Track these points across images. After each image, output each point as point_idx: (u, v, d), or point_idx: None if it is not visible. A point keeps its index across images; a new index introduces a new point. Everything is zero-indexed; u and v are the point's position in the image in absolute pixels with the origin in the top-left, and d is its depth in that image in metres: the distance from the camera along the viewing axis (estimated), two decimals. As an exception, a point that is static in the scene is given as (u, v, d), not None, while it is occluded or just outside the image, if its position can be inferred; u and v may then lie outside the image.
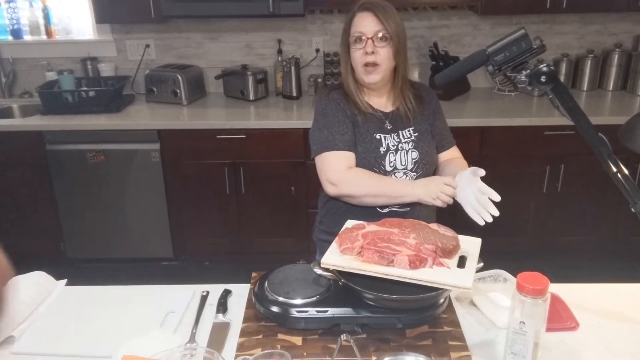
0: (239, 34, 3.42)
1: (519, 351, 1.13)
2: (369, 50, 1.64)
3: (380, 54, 1.65)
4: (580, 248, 3.21)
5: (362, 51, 1.65)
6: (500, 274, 1.49)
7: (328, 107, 1.73)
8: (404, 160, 1.72)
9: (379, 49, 1.64)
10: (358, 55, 1.66)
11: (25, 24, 3.49)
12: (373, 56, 1.64)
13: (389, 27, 1.64)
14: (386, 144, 1.72)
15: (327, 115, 1.72)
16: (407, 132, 1.74)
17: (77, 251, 3.25)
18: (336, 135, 1.69)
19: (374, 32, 1.64)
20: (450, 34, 3.39)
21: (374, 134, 1.72)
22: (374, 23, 1.64)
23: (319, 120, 1.74)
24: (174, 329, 1.34)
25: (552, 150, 2.95)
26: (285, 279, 1.39)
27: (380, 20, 1.64)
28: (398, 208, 1.71)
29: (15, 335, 1.32)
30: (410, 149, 1.73)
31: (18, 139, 3.00)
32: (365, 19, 1.66)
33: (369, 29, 1.64)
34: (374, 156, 1.70)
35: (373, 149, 1.70)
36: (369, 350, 1.23)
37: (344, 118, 1.71)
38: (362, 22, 1.66)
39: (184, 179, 3.07)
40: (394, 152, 1.72)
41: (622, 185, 1.19)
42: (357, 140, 1.70)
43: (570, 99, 1.24)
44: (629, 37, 3.36)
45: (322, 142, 1.69)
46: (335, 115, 1.71)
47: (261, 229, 3.16)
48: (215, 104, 3.32)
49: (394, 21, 1.66)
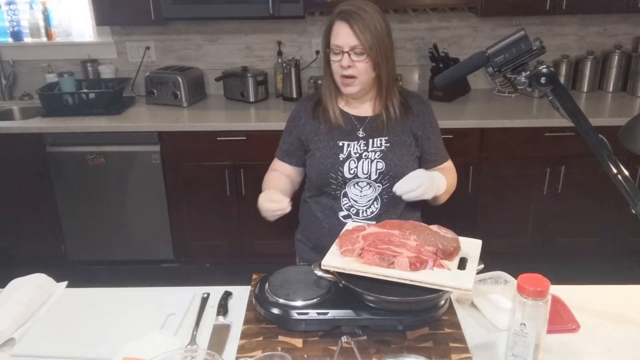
0: (239, 36, 3.42)
1: (520, 353, 1.13)
2: (344, 65, 1.59)
3: (358, 67, 1.60)
4: (581, 249, 3.21)
5: (339, 64, 1.61)
6: (501, 275, 1.48)
7: (291, 113, 1.83)
8: (366, 169, 1.68)
9: (356, 63, 1.59)
10: (336, 67, 1.63)
11: (26, 26, 3.49)
12: (350, 70, 1.60)
13: (365, 40, 1.56)
14: (347, 151, 1.69)
15: (286, 122, 1.83)
16: (379, 141, 1.69)
17: (78, 253, 3.25)
18: (282, 144, 1.83)
19: (350, 46, 1.58)
20: (450, 36, 3.39)
21: (337, 141, 1.70)
22: (350, 36, 1.57)
23: None
24: (174, 331, 1.34)
25: (553, 151, 2.95)
26: (286, 280, 1.39)
27: (356, 33, 1.56)
28: (362, 220, 1.70)
29: (15, 338, 1.32)
30: (376, 158, 1.68)
31: (18, 141, 3.00)
32: (342, 31, 1.58)
33: (345, 42, 1.58)
34: (331, 162, 1.68)
35: (332, 155, 1.69)
36: (370, 352, 1.23)
37: (292, 128, 1.79)
38: (339, 34, 1.59)
39: (184, 181, 3.07)
40: (356, 160, 1.68)
41: (623, 186, 1.19)
42: (315, 146, 1.71)
43: (570, 100, 1.24)
44: (629, 38, 3.36)
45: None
46: (288, 124, 1.82)
47: (261, 230, 3.15)
48: (216, 106, 3.32)
49: (372, 32, 1.57)
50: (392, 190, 1.62)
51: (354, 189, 1.70)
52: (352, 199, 1.71)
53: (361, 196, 1.70)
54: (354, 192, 1.70)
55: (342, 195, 1.71)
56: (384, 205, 1.71)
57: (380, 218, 1.68)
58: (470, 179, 3.00)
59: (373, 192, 1.70)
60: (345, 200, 1.71)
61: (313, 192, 1.79)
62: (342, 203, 1.72)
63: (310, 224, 1.82)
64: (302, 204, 1.86)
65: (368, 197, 1.70)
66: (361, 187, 1.70)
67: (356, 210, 1.71)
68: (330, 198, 1.73)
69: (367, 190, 1.70)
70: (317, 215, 1.77)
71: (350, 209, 1.71)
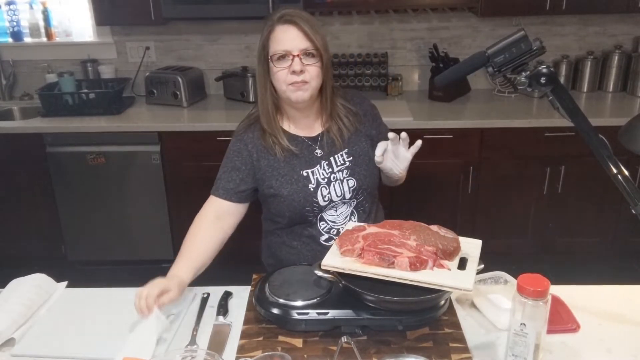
0: (239, 36, 3.42)
1: (520, 353, 1.13)
2: (296, 69, 1.46)
3: (310, 71, 1.48)
4: (581, 250, 3.21)
5: (287, 70, 1.47)
6: (501, 275, 1.48)
7: (233, 147, 1.63)
8: (339, 191, 1.60)
9: (308, 67, 1.47)
10: (283, 75, 1.48)
11: (26, 26, 3.49)
12: (302, 75, 1.47)
13: (317, 41, 1.46)
14: (315, 178, 1.59)
15: (227, 156, 1.64)
16: (340, 157, 1.61)
17: (78, 253, 3.25)
18: (222, 181, 1.62)
19: (300, 49, 1.46)
20: (450, 36, 3.39)
21: (300, 171, 1.58)
22: (300, 38, 1.46)
23: (224, 156, 1.65)
24: (174, 331, 1.34)
25: (553, 151, 2.95)
26: (286, 281, 1.39)
27: (307, 34, 1.46)
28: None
29: (15, 338, 1.32)
30: (345, 177, 1.60)
31: (18, 141, 3.00)
32: (288, 34, 1.46)
33: (294, 45, 1.46)
34: (303, 195, 1.57)
35: (301, 188, 1.57)
36: (370, 352, 1.23)
37: (240, 164, 1.60)
38: (286, 37, 1.46)
39: (184, 181, 3.07)
40: (327, 186, 1.59)
41: (623, 186, 1.19)
42: (278, 183, 1.58)
43: (570, 100, 1.24)
44: (629, 38, 3.36)
45: (215, 181, 1.65)
46: (232, 159, 1.62)
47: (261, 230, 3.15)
48: (216, 106, 3.32)
49: (320, 34, 1.48)
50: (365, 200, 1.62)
51: (329, 211, 1.63)
52: (330, 221, 1.63)
53: (337, 215, 1.63)
54: (330, 214, 1.63)
55: (318, 220, 1.63)
56: (360, 216, 1.66)
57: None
58: (470, 179, 2.99)
59: (348, 208, 1.64)
60: (323, 224, 1.64)
61: (283, 225, 1.68)
62: (321, 227, 1.64)
63: (287, 255, 1.70)
64: (269, 236, 1.77)
65: (344, 214, 1.64)
66: (336, 207, 1.63)
67: (336, 231, 1.63)
68: (306, 226, 1.64)
69: (343, 208, 1.64)
70: (293, 244, 1.68)
71: (331, 230, 1.64)
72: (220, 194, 1.62)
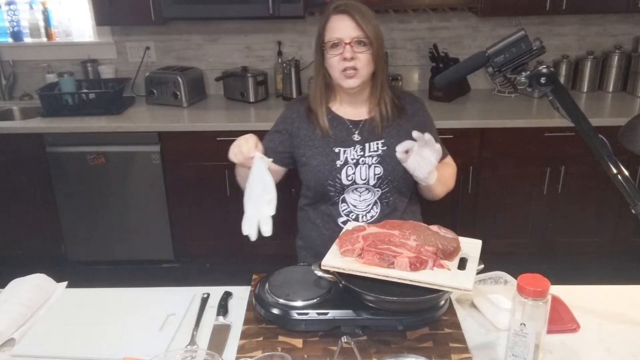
0: (239, 36, 3.42)
1: (520, 353, 1.13)
2: (347, 56, 1.56)
3: (360, 59, 1.57)
4: (581, 250, 3.21)
5: (339, 57, 1.57)
6: (500, 275, 1.48)
7: (282, 114, 1.78)
8: (364, 174, 1.66)
9: (358, 54, 1.57)
10: (335, 61, 1.58)
11: (26, 27, 3.49)
12: (352, 62, 1.57)
13: (368, 31, 1.56)
14: (344, 157, 1.66)
15: (276, 121, 1.79)
16: (375, 145, 1.67)
17: (78, 253, 3.25)
18: (265, 140, 1.73)
19: (352, 37, 1.56)
20: (450, 36, 3.39)
21: (333, 147, 1.67)
22: (352, 27, 1.56)
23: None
24: (174, 331, 1.34)
25: (553, 151, 2.95)
26: (286, 281, 1.39)
27: (359, 23, 1.55)
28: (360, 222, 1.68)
29: (15, 338, 1.32)
30: (373, 163, 1.66)
31: (18, 141, 3.00)
32: (341, 23, 1.57)
33: (346, 33, 1.56)
34: (328, 169, 1.66)
35: (328, 162, 1.66)
36: (370, 352, 1.23)
37: (283, 128, 1.74)
38: (339, 26, 1.57)
39: (184, 181, 3.07)
40: (353, 166, 1.66)
41: (623, 186, 1.19)
42: (310, 153, 1.67)
43: (570, 100, 1.24)
44: (629, 38, 3.36)
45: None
46: (277, 124, 1.77)
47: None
48: (216, 106, 3.32)
49: (372, 24, 1.57)
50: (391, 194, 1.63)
51: (352, 194, 1.68)
52: (351, 204, 1.69)
53: (360, 201, 1.69)
54: (352, 197, 1.69)
55: (340, 201, 1.70)
56: (384, 209, 1.69)
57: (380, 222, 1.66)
58: (470, 179, 2.99)
59: (372, 197, 1.68)
60: (344, 206, 1.70)
61: (310, 200, 1.77)
62: (341, 209, 1.70)
63: (309, 231, 1.80)
64: (300, 212, 1.85)
65: (367, 202, 1.69)
66: (360, 192, 1.68)
67: (355, 215, 1.69)
68: (329, 204, 1.72)
69: (366, 195, 1.68)
70: (316, 222, 1.76)
71: (350, 214, 1.70)
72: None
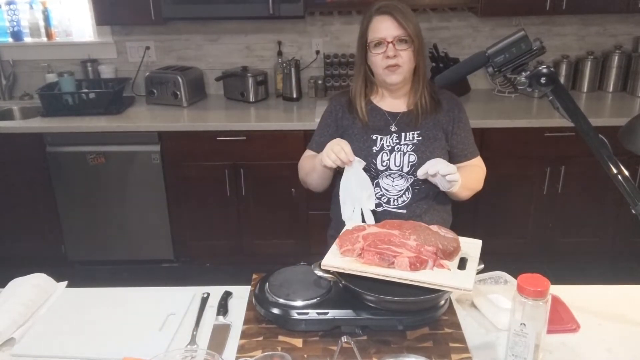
0: (239, 36, 3.42)
1: (520, 353, 1.13)
2: (390, 54, 1.66)
3: (402, 56, 1.68)
4: (581, 250, 3.21)
5: (382, 55, 1.68)
6: (501, 275, 1.48)
7: (327, 109, 1.88)
8: (399, 161, 1.74)
9: (401, 52, 1.67)
10: (379, 59, 1.69)
11: (26, 26, 3.49)
12: (395, 59, 1.67)
13: (409, 29, 1.66)
14: (380, 144, 1.75)
15: (322, 116, 1.89)
16: (411, 135, 1.76)
17: (78, 253, 3.25)
18: (316, 136, 1.87)
19: (394, 36, 1.66)
20: (450, 36, 3.39)
21: (370, 134, 1.77)
22: (394, 27, 1.66)
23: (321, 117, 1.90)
24: (174, 331, 1.34)
25: (553, 151, 2.95)
26: (286, 280, 1.39)
27: (400, 23, 1.66)
28: (392, 208, 1.73)
29: (15, 337, 1.32)
30: (408, 151, 1.74)
31: (18, 141, 3.00)
32: (384, 23, 1.67)
33: (388, 33, 1.66)
34: (364, 154, 1.73)
35: (365, 148, 1.75)
36: (370, 352, 1.23)
37: (330, 121, 1.84)
38: (381, 27, 1.67)
39: (184, 181, 3.07)
40: (388, 152, 1.74)
41: (623, 186, 1.19)
42: (350, 139, 1.71)
43: (570, 100, 1.24)
44: (629, 38, 3.36)
45: (312, 137, 1.89)
46: (325, 118, 1.87)
47: (262, 230, 3.16)
48: (216, 106, 3.32)
49: (413, 22, 1.68)
50: (423, 182, 1.69)
51: (386, 179, 1.75)
52: (384, 189, 1.76)
53: (393, 186, 1.75)
54: (386, 182, 1.75)
55: (374, 185, 1.75)
56: (415, 196, 1.75)
57: (410, 207, 1.74)
58: (470, 179, 2.99)
59: (405, 183, 1.75)
60: (377, 190, 1.76)
61: None
62: (375, 192, 1.75)
63: (341, 215, 1.80)
64: (334, 199, 1.87)
65: (399, 188, 1.75)
66: (393, 178, 1.74)
67: (387, 199, 1.76)
68: None
69: (399, 181, 1.75)
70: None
71: (382, 197, 1.75)
72: (313, 147, 1.86)
